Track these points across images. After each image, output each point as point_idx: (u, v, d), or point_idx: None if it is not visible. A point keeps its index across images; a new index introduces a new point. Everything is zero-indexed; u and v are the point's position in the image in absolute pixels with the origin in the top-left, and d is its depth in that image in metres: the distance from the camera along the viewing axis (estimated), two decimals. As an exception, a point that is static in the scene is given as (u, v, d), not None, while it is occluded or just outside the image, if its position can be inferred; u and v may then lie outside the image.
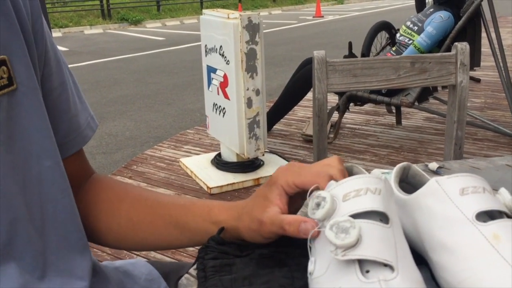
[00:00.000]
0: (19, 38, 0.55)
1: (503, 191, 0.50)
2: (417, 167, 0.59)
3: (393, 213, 0.48)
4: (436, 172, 0.88)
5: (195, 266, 0.58)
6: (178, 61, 7.82)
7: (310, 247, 0.50)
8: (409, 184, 0.60)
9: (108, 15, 15.13)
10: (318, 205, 0.48)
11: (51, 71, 0.62)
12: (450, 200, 0.49)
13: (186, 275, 0.57)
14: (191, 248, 2.19)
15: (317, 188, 0.52)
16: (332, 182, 0.52)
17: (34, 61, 0.57)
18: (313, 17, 15.30)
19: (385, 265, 0.43)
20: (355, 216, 0.46)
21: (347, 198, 0.47)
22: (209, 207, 0.64)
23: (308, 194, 0.52)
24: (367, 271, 0.43)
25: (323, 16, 15.21)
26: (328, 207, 0.47)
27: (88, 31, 13.76)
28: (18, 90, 0.54)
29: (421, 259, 0.52)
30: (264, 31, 2.78)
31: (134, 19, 15.04)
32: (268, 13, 17.87)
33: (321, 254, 0.47)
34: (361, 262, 0.44)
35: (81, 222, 0.65)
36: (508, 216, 0.48)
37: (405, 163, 0.59)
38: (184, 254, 2.17)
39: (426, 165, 0.91)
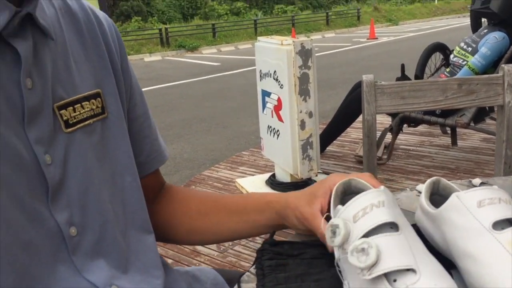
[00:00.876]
0: (110, 75, 0.67)
1: None
2: (446, 181, 0.65)
3: (400, 219, 0.54)
4: (479, 188, 0.92)
5: (254, 266, 0.66)
6: (233, 85, 8.05)
7: (339, 271, 0.57)
8: (441, 196, 0.66)
9: (166, 43, 15.80)
10: (334, 233, 0.54)
11: (135, 102, 0.75)
12: (469, 212, 0.55)
13: (247, 273, 0.66)
14: (248, 265, 2.28)
15: (328, 218, 0.59)
16: (339, 206, 0.59)
17: (122, 95, 0.70)
18: (367, 39, 15.29)
19: (408, 269, 0.49)
20: (369, 232, 0.52)
21: (357, 218, 0.54)
22: (264, 194, 0.81)
23: (322, 226, 0.59)
24: (395, 280, 0.49)
25: (377, 38, 15.16)
26: (343, 232, 0.53)
27: (148, 58, 14.40)
28: (108, 118, 0.67)
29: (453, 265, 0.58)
30: (318, 54, 2.87)
31: (191, 45, 15.61)
32: (322, 36, 18.01)
33: (350, 276, 0.54)
34: (387, 274, 0.50)
35: (157, 222, 0.78)
36: None
37: (434, 177, 0.65)
38: (241, 270, 2.25)
39: (470, 181, 0.95)
